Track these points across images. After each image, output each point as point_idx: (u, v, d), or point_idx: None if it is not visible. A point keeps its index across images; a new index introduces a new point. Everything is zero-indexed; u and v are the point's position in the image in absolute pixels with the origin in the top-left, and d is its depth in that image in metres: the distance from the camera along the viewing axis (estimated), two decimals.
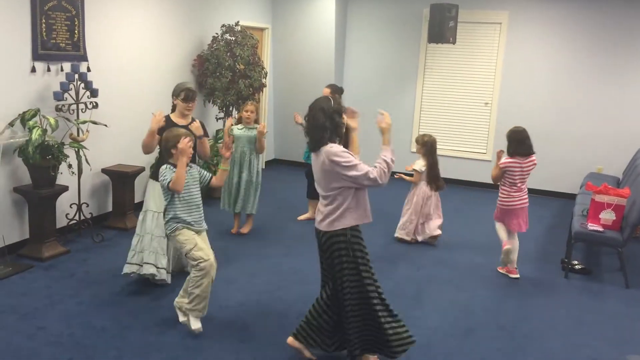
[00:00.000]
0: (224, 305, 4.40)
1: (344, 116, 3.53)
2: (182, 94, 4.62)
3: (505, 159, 5.23)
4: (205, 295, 3.93)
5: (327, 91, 6.42)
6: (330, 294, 3.55)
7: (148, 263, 4.56)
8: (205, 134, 4.76)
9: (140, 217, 4.70)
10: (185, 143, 3.83)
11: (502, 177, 5.26)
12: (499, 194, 5.36)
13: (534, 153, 5.24)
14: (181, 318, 4.05)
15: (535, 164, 5.26)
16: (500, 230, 5.43)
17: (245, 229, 6.13)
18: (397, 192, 6.54)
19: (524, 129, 5.27)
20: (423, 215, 6.13)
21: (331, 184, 3.41)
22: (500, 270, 5.45)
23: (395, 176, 6.20)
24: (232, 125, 5.85)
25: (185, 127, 4.55)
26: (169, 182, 3.81)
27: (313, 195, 6.43)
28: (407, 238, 6.15)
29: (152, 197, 4.67)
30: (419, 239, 6.16)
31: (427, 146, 6.04)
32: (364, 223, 3.51)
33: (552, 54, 8.21)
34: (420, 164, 6.08)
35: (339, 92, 6.47)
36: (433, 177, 6.07)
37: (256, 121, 5.88)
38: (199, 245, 3.92)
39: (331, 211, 3.43)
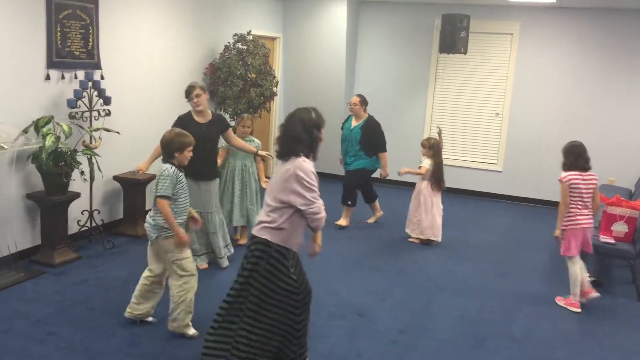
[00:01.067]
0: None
1: (322, 132, 3.39)
2: (185, 94, 5.01)
3: (563, 173, 4.85)
4: (190, 308, 3.93)
5: (356, 99, 6.67)
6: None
7: None
8: (228, 126, 5.25)
9: None
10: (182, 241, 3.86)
11: (568, 194, 4.78)
12: (566, 216, 4.86)
13: (590, 168, 4.87)
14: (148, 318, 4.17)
15: (596, 180, 4.87)
16: (577, 267, 4.84)
17: (244, 240, 6.00)
18: (400, 199, 6.56)
19: (582, 143, 4.89)
20: (431, 214, 6.33)
21: (279, 195, 3.27)
22: (560, 303, 5.01)
23: (401, 172, 6.36)
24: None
25: (204, 125, 4.95)
26: (161, 196, 3.80)
27: (347, 201, 6.81)
28: (423, 237, 6.37)
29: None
30: (410, 234, 6.47)
31: (435, 148, 6.29)
32: (290, 247, 3.34)
33: (563, 65, 8.20)
34: (428, 163, 6.30)
35: (365, 104, 6.73)
36: (438, 177, 6.29)
37: (251, 133, 5.86)
38: (191, 258, 3.96)
39: (267, 221, 3.32)
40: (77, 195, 5.30)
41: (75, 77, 5.47)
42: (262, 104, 7.50)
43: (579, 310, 4.87)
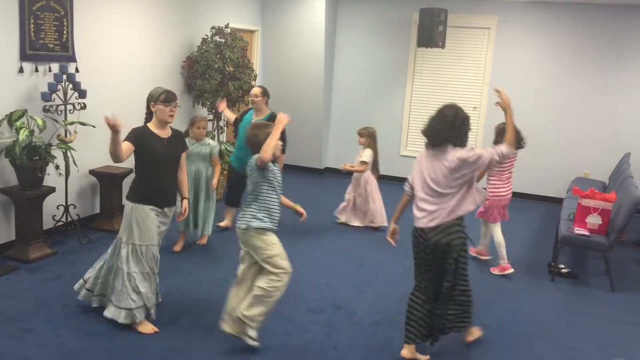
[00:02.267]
0: (219, 306, 4.37)
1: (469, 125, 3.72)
2: (161, 96, 3.98)
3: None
4: (271, 309, 3.80)
5: (257, 90, 6.00)
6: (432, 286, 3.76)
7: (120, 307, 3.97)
8: (186, 147, 4.31)
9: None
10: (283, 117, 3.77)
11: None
12: (488, 188, 5.46)
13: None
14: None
15: (515, 159, 5.40)
16: (500, 232, 5.53)
17: (204, 240, 5.84)
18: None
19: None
20: (378, 201, 6.62)
21: (455, 181, 3.58)
22: (495, 272, 5.55)
23: (342, 169, 6.66)
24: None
25: (166, 141, 4.00)
26: (256, 159, 3.58)
27: (232, 202, 6.31)
28: (375, 225, 6.60)
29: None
30: (358, 223, 6.70)
31: (373, 137, 6.56)
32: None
33: (540, 59, 8.28)
34: (367, 155, 6.51)
35: (268, 97, 6.09)
36: (377, 164, 6.62)
37: (206, 135, 5.65)
38: (284, 255, 3.75)
39: (452, 206, 3.60)
40: (52, 189, 5.22)
41: (50, 70, 5.38)
42: (241, 98, 7.45)
43: (512, 270, 5.33)
